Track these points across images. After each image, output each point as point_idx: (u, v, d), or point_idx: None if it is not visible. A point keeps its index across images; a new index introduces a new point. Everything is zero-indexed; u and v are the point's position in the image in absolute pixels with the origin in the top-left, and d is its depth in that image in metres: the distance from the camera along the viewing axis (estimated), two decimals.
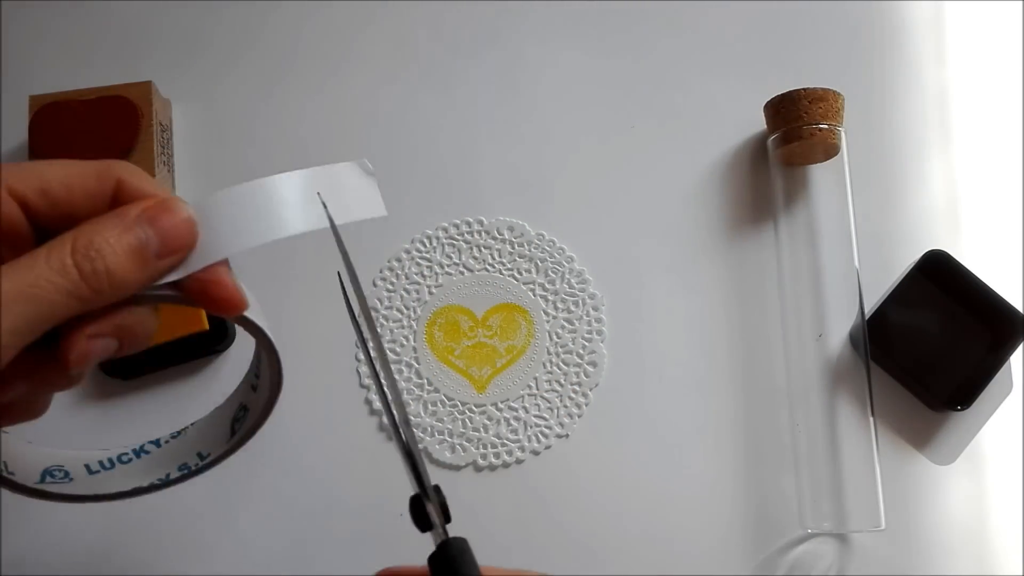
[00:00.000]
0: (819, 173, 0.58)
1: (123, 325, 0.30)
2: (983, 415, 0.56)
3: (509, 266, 0.59)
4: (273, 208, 0.31)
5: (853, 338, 0.55)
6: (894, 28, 0.63)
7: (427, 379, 0.57)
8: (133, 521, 0.55)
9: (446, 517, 0.32)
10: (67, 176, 0.30)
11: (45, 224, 0.30)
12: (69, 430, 0.57)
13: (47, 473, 0.36)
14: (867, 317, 0.56)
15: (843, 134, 0.57)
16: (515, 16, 0.64)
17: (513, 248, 0.59)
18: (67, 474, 0.36)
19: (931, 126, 0.61)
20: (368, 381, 0.57)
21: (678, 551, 0.54)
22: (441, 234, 0.60)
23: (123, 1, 0.65)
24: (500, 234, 0.60)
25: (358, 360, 0.58)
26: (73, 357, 0.29)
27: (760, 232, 0.60)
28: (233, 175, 0.62)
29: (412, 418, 0.57)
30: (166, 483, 0.37)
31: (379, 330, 0.58)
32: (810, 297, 0.56)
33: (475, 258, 0.59)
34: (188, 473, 0.37)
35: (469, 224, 0.60)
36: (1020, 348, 0.56)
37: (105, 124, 0.58)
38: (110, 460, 0.37)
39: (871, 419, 0.53)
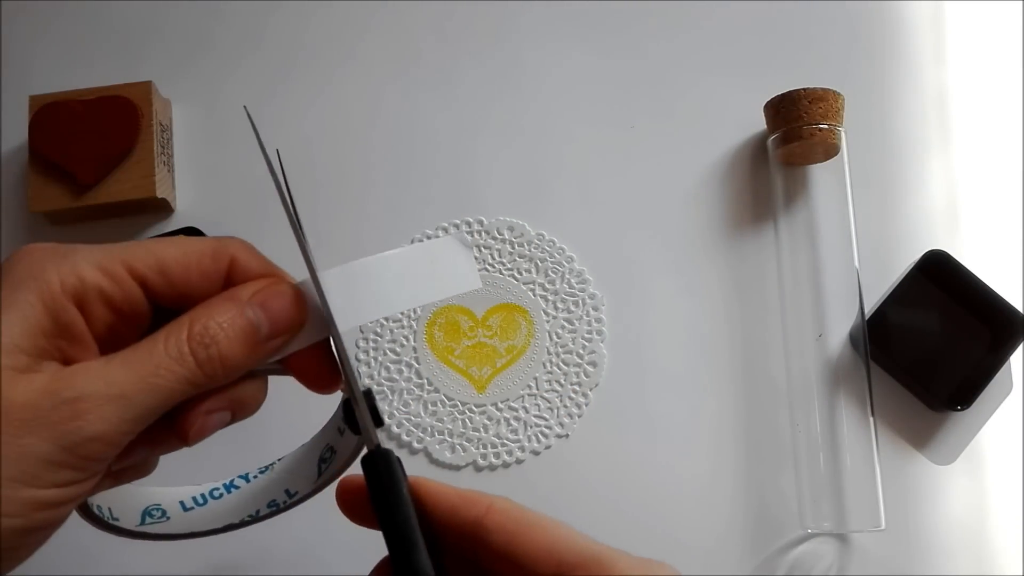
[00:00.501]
0: (819, 173, 0.58)
1: (237, 399, 0.32)
2: (983, 415, 0.56)
3: (509, 266, 0.59)
4: (377, 287, 0.32)
5: (853, 338, 0.55)
6: (894, 28, 0.63)
7: (427, 379, 0.57)
8: None
9: (376, 421, 0.32)
10: (184, 255, 0.31)
11: (163, 302, 0.31)
12: None
13: (146, 514, 0.36)
14: (867, 317, 0.56)
15: (843, 134, 0.57)
16: (516, 16, 0.64)
17: (513, 248, 0.59)
18: (164, 513, 0.37)
19: (931, 126, 0.61)
20: (368, 381, 0.57)
21: (678, 551, 0.54)
22: (441, 234, 0.60)
23: (123, 1, 0.65)
24: (500, 234, 0.60)
25: (358, 360, 0.58)
26: (192, 433, 0.31)
27: (760, 232, 0.60)
28: (233, 175, 0.62)
29: (412, 418, 0.57)
30: (256, 519, 0.37)
31: (379, 330, 0.58)
32: (810, 297, 0.56)
33: (475, 258, 0.59)
34: (277, 510, 0.37)
35: (469, 224, 0.60)
36: (1020, 348, 0.56)
37: (105, 124, 0.58)
38: (203, 496, 0.38)
39: (871, 419, 0.53)
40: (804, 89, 0.56)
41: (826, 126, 0.56)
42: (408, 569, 0.30)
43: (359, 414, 0.32)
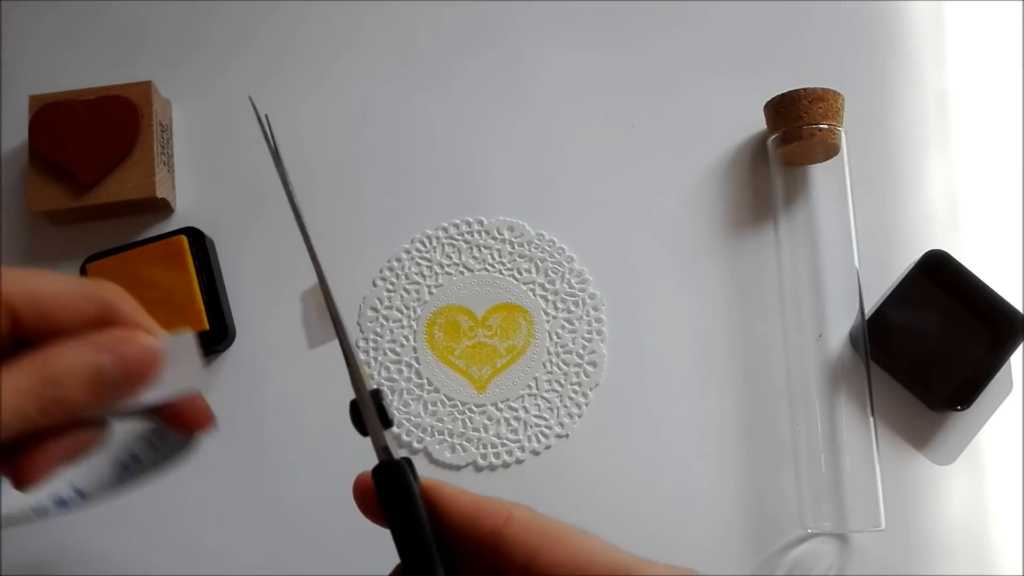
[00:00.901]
0: (819, 173, 0.58)
1: (77, 444, 0.30)
2: (983, 415, 0.56)
3: (509, 266, 0.59)
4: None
5: (853, 338, 0.55)
6: (894, 28, 0.63)
7: (427, 379, 0.57)
8: (133, 522, 0.55)
9: (385, 423, 0.31)
10: (62, 292, 0.30)
11: (29, 333, 0.30)
12: None
13: None
14: (867, 317, 0.56)
15: (843, 134, 0.57)
16: (515, 15, 0.64)
17: (513, 248, 0.59)
18: None
19: (931, 126, 0.61)
20: (368, 381, 0.57)
21: (678, 551, 0.54)
22: (441, 234, 0.60)
23: (123, 1, 0.65)
24: (500, 234, 0.60)
25: None
26: (28, 479, 0.29)
27: (760, 232, 0.60)
28: (233, 175, 0.62)
29: (412, 418, 0.57)
30: (42, 514, 0.34)
31: (379, 331, 0.58)
32: (810, 297, 0.56)
33: (475, 258, 0.59)
34: (64, 507, 0.34)
35: (469, 224, 0.60)
36: (1020, 348, 0.56)
37: (105, 124, 0.58)
38: None
39: (871, 419, 0.53)
40: (804, 89, 0.56)
41: (826, 126, 0.56)
42: None
43: (366, 417, 0.31)
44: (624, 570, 0.29)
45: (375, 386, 0.31)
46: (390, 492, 0.30)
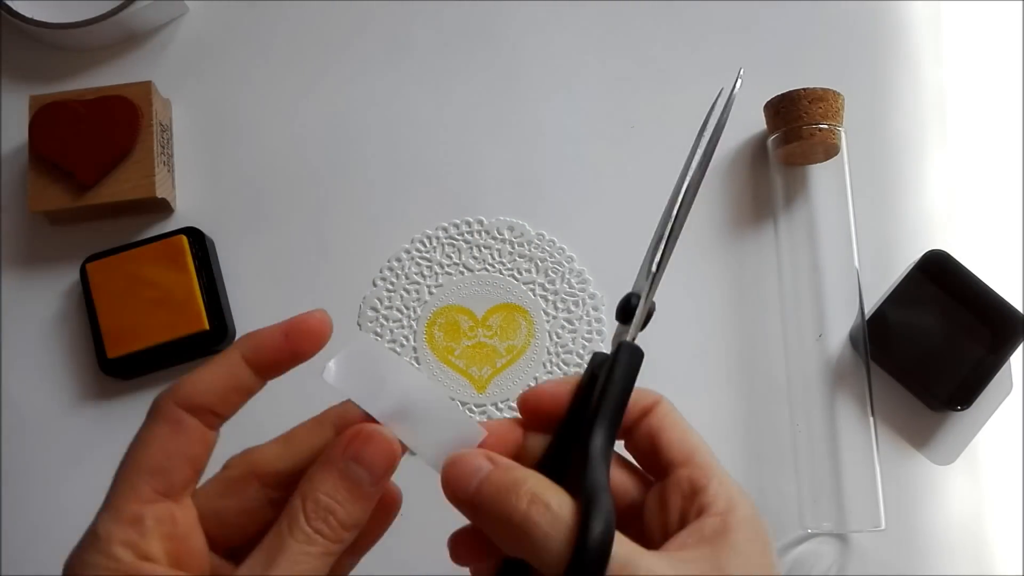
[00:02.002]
0: (819, 173, 0.58)
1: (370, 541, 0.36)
2: (983, 415, 0.56)
3: (509, 266, 0.59)
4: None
5: (853, 338, 0.55)
6: (893, 28, 0.63)
7: None
8: None
9: (645, 323, 0.38)
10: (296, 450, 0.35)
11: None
12: (69, 430, 0.57)
13: None
14: (867, 317, 0.55)
15: (843, 134, 0.57)
16: (515, 15, 0.64)
17: (513, 248, 0.59)
18: None
19: (931, 126, 0.61)
20: None
21: None
22: (441, 234, 0.60)
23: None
24: (500, 234, 0.60)
25: None
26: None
27: (760, 232, 0.60)
28: (233, 175, 0.62)
29: None
30: None
31: (379, 331, 0.58)
32: (810, 297, 0.56)
33: (475, 258, 0.59)
34: None
35: (469, 224, 0.60)
36: (1020, 348, 0.56)
37: (105, 124, 0.58)
38: None
39: (871, 419, 0.53)
40: (804, 89, 0.56)
41: (826, 126, 0.56)
42: (586, 448, 0.32)
43: (638, 312, 0.39)
44: (718, 472, 0.34)
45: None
46: (626, 365, 0.35)
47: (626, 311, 0.38)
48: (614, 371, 0.34)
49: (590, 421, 0.33)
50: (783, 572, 0.53)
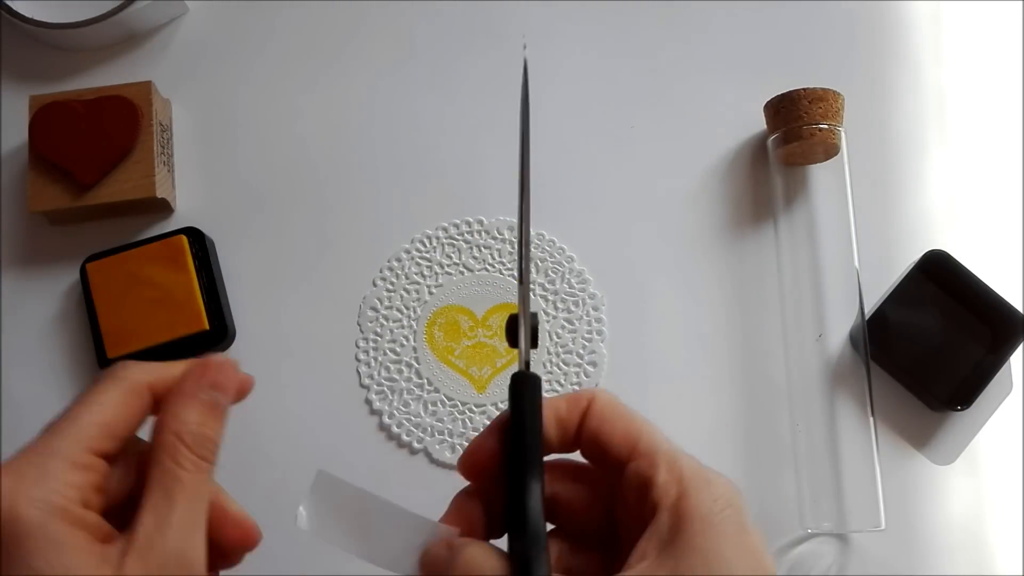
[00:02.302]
0: (819, 173, 0.58)
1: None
2: (983, 415, 0.56)
3: (509, 266, 0.59)
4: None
5: (853, 338, 0.55)
6: (893, 28, 0.63)
7: (427, 379, 0.57)
8: None
9: (534, 343, 0.35)
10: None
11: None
12: None
13: None
14: (867, 317, 0.55)
15: (843, 134, 0.57)
16: (515, 16, 0.64)
17: (513, 248, 0.59)
18: None
19: (931, 126, 0.61)
20: (368, 381, 0.57)
21: None
22: (441, 234, 0.60)
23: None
24: (500, 234, 0.60)
25: (358, 360, 0.58)
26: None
27: (760, 232, 0.60)
28: (233, 175, 0.62)
29: (412, 418, 0.57)
30: None
31: (379, 331, 0.58)
32: (810, 297, 0.56)
33: (475, 258, 0.59)
34: None
35: (469, 224, 0.60)
36: (1020, 348, 0.56)
37: (105, 124, 0.58)
38: None
39: (871, 419, 0.53)
40: (804, 89, 0.56)
41: (826, 126, 0.56)
42: (521, 507, 0.31)
43: (521, 331, 0.35)
44: (665, 456, 0.33)
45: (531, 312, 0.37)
46: (523, 395, 0.33)
47: (512, 332, 0.36)
48: (515, 411, 0.33)
49: (514, 471, 0.32)
50: (783, 572, 0.53)
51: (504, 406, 0.57)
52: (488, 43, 0.64)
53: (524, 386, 0.33)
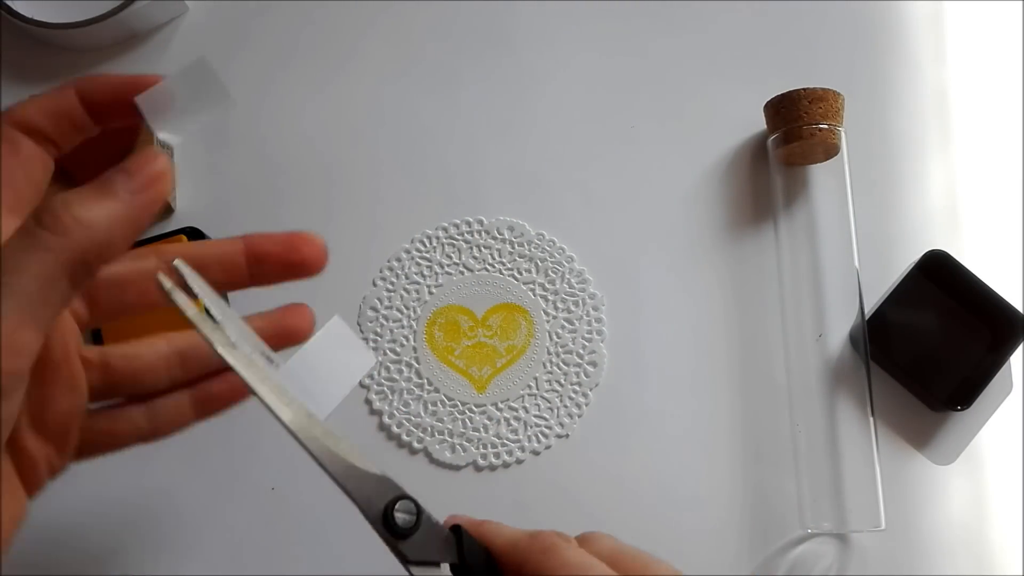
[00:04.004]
0: (819, 173, 0.58)
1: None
2: (983, 415, 0.56)
3: (509, 266, 0.59)
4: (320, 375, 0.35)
5: (853, 338, 0.55)
6: (894, 28, 0.63)
7: (427, 379, 0.57)
8: (132, 521, 0.55)
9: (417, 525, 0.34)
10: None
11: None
12: None
13: None
14: (867, 317, 0.56)
15: (843, 134, 0.57)
16: (516, 16, 0.64)
17: (513, 248, 0.59)
18: None
19: (931, 126, 0.61)
20: (367, 381, 0.57)
21: (678, 551, 0.54)
22: (441, 234, 0.60)
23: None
24: (500, 234, 0.60)
25: None
26: None
27: (760, 232, 0.60)
28: (233, 175, 0.62)
29: (412, 418, 0.57)
30: None
31: (379, 331, 0.58)
32: (810, 297, 0.56)
33: (475, 258, 0.59)
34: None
35: (469, 224, 0.60)
36: (1020, 348, 0.56)
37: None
38: None
39: (871, 419, 0.53)
40: (804, 89, 0.56)
41: (826, 126, 0.56)
42: None
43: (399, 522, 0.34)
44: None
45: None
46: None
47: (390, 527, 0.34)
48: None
49: None
50: (783, 572, 0.54)
51: (504, 406, 0.57)
52: (488, 43, 0.64)
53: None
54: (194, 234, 0.58)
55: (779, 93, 0.57)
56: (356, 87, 0.63)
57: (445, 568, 0.33)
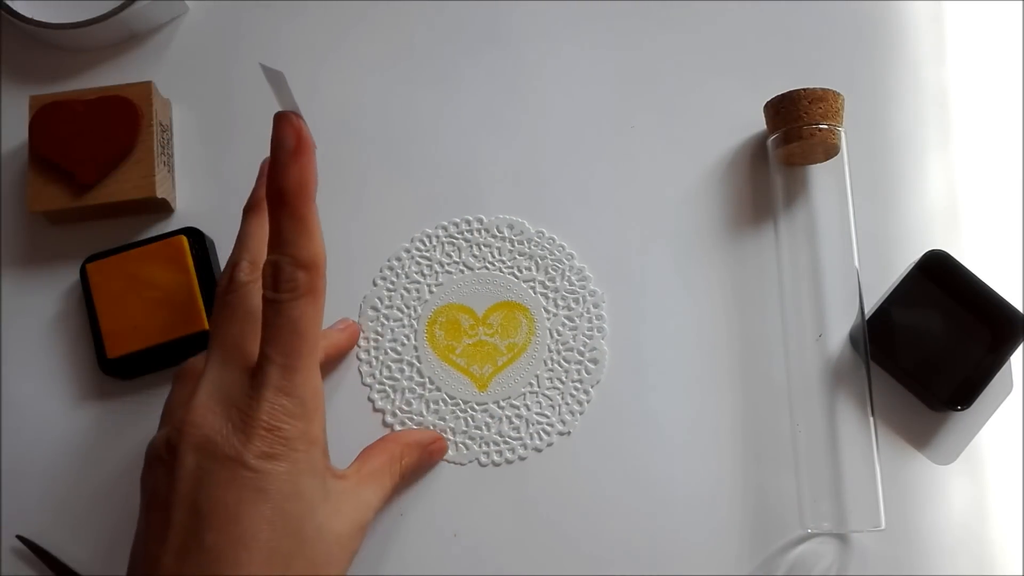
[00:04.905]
0: (819, 173, 0.58)
1: None
2: (983, 415, 0.56)
3: (509, 264, 0.59)
4: None
5: (853, 338, 0.55)
6: (894, 28, 0.64)
7: (428, 378, 0.57)
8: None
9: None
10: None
11: None
12: (69, 430, 0.57)
13: None
14: (867, 317, 0.56)
15: (843, 134, 0.57)
16: (515, 13, 0.64)
17: (513, 246, 0.59)
18: None
19: (931, 126, 0.61)
20: (369, 380, 0.57)
21: (678, 550, 0.54)
22: (441, 233, 0.60)
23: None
24: (500, 232, 0.60)
25: (359, 359, 0.58)
26: None
27: (760, 232, 0.60)
28: (233, 175, 0.62)
29: (414, 416, 0.57)
30: None
31: (380, 330, 0.58)
32: (810, 297, 0.56)
33: (475, 256, 0.59)
34: None
35: (469, 222, 0.60)
36: (1020, 348, 0.56)
37: (105, 124, 0.58)
38: None
39: (871, 419, 0.53)
40: (804, 89, 0.56)
41: (826, 126, 0.56)
42: None
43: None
44: None
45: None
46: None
47: None
48: None
49: None
50: (783, 572, 0.54)
51: (506, 404, 0.57)
52: (488, 41, 0.64)
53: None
54: (194, 234, 0.58)
55: (779, 93, 0.57)
56: (356, 87, 0.63)
57: None
